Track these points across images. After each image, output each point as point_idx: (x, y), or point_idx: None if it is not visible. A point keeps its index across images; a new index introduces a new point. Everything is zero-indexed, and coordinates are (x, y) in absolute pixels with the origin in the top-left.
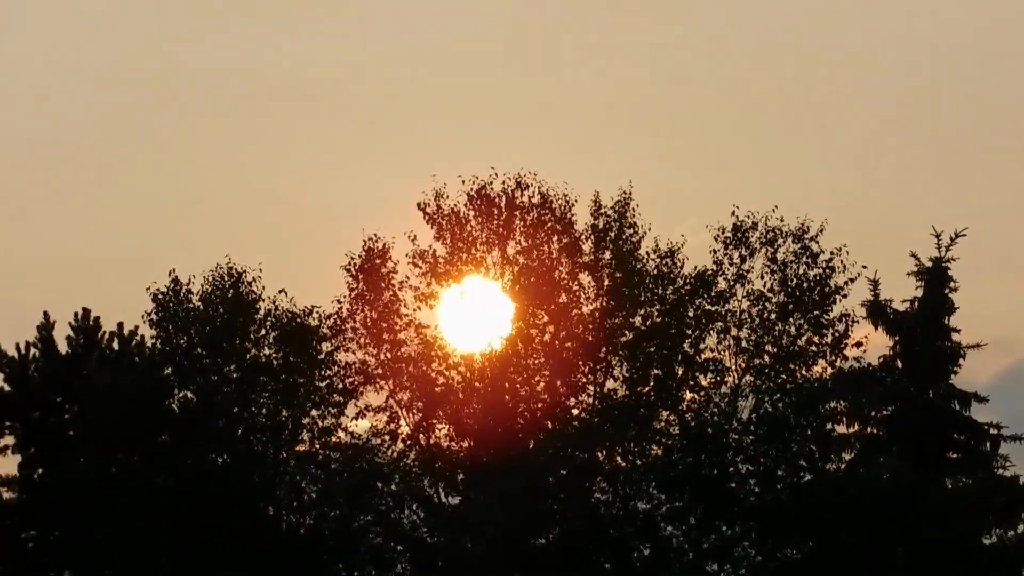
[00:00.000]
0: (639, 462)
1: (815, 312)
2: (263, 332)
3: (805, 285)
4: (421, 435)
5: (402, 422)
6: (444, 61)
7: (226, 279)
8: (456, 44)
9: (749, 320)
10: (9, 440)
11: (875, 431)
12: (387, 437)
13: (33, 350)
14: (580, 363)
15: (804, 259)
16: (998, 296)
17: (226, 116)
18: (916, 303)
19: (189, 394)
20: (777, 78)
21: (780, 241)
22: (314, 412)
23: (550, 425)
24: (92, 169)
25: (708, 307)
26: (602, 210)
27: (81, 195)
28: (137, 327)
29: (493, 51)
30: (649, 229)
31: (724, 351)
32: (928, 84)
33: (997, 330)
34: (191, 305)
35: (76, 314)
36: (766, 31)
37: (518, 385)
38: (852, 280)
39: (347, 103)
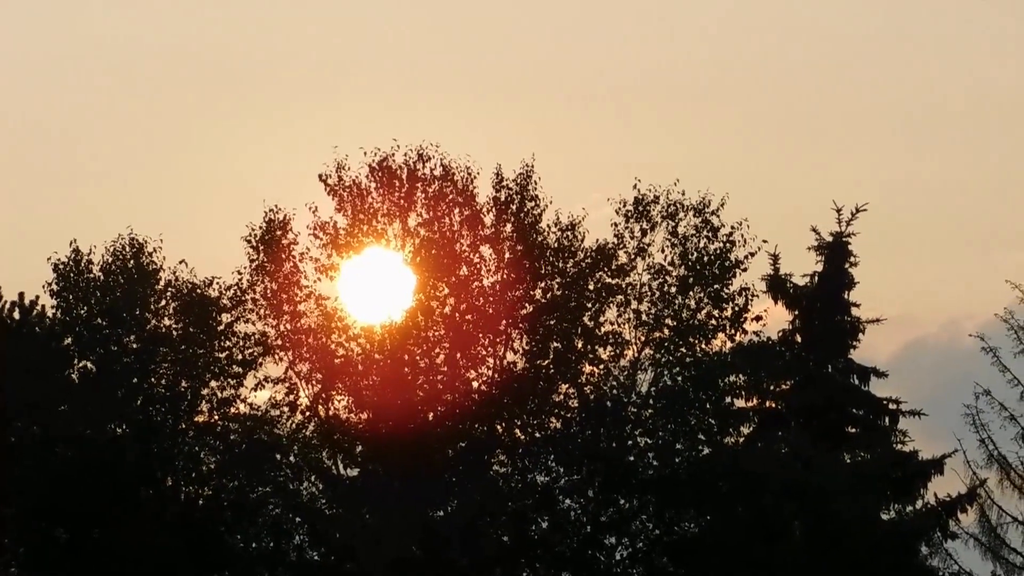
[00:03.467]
0: (538, 435)
1: (715, 286)
2: (163, 303)
3: (705, 259)
4: (320, 407)
5: (301, 394)
6: (346, 33)
7: (127, 250)
8: (359, 16)
9: (649, 293)
10: None
11: (774, 405)
12: (286, 408)
13: None
14: (480, 336)
15: (705, 233)
16: (900, 272)
17: (129, 87)
18: (816, 278)
19: (89, 364)
20: (680, 52)
21: (681, 215)
22: (213, 383)
23: (449, 398)
24: None
25: (608, 280)
26: (504, 183)
27: None
28: (38, 297)
29: (396, 23)
30: (550, 202)
31: (624, 324)
32: (830, 59)
33: (898, 306)
34: (91, 275)
35: None
36: (668, 4)
37: (418, 357)
38: (752, 254)
39: (249, 74)
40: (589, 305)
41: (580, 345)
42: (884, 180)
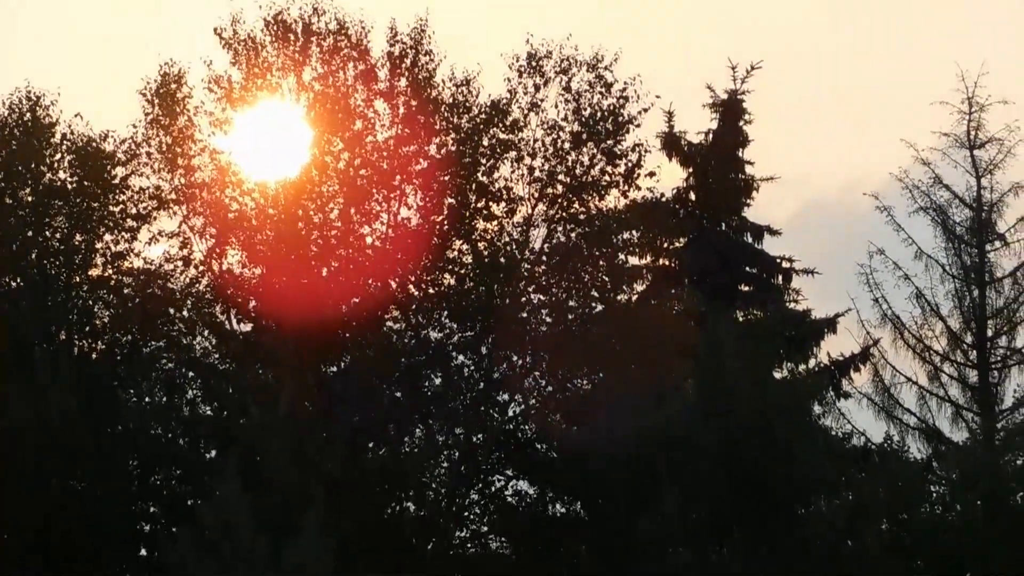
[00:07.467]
0: (432, 291)
1: (608, 142)
2: (58, 156)
3: (599, 114)
4: (214, 261)
5: (195, 248)
6: None
7: (23, 103)
8: None
9: (543, 149)
10: None
11: (667, 263)
12: (180, 263)
13: None
14: (374, 191)
15: (598, 88)
16: (797, 132)
17: None
18: (710, 135)
19: None
20: None
21: (574, 70)
22: (107, 237)
23: (343, 253)
24: None
25: (502, 136)
26: (398, 37)
27: None
28: None
29: None
30: (445, 57)
31: (517, 180)
32: None
33: (795, 166)
34: None
35: None
36: None
37: (312, 213)
38: (646, 110)
39: None
40: (483, 161)
41: (474, 201)
42: (781, 39)
